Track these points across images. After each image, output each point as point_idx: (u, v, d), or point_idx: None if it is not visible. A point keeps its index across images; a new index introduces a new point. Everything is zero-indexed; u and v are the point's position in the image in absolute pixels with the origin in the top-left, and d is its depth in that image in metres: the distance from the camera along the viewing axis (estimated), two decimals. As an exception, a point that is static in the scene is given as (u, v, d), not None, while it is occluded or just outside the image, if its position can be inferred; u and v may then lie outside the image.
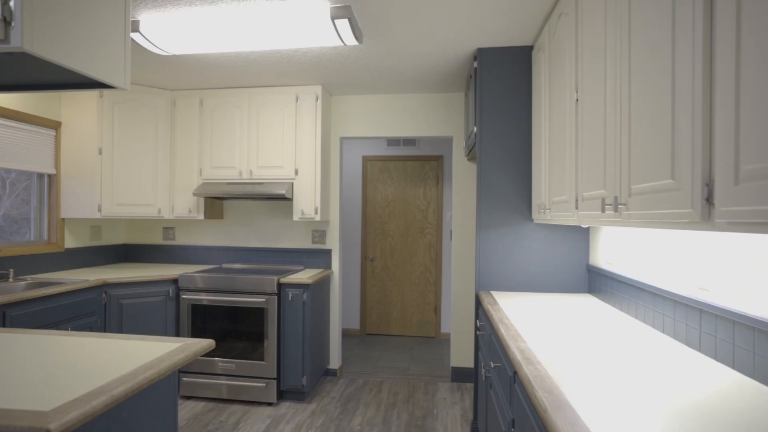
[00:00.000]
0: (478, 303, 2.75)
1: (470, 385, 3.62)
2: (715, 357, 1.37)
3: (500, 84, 2.69)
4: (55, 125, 3.37)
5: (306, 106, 3.48)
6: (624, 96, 1.32)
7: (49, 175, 3.39)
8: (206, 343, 1.54)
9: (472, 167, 3.68)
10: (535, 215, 2.54)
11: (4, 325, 2.30)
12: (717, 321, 1.37)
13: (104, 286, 3.01)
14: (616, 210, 1.32)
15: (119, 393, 1.11)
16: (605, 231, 2.33)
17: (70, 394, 1.07)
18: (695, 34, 0.94)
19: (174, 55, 2.92)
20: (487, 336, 2.22)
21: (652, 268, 1.80)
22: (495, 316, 1.99)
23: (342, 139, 3.86)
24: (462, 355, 3.68)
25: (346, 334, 5.17)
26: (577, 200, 1.78)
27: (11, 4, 1.03)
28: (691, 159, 0.96)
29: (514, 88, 2.68)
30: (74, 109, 3.40)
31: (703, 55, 0.91)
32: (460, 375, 3.68)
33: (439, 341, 4.93)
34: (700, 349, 1.45)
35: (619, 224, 1.37)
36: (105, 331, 3.02)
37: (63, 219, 3.45)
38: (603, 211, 1.41)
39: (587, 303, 2.29)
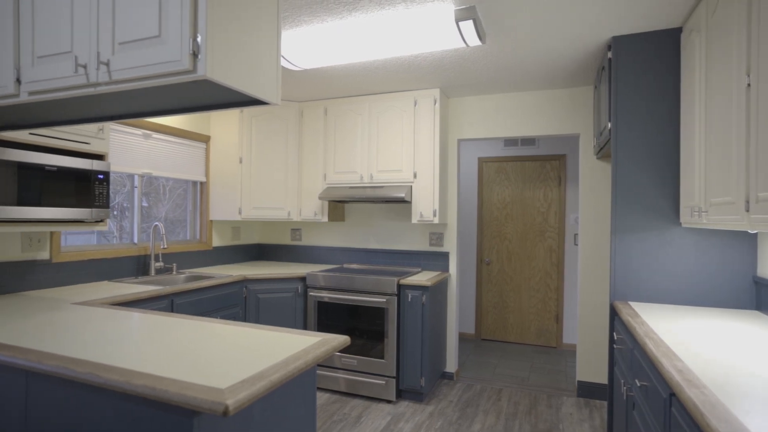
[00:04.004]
0: (614, 314, 2.52)
1: (600, 403, 3.33)
2: None
3: (639, 73, 2.44)
4: (206, 139, 3.86)
5: (424, 110, 3.51)
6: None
7: (201, 183, 3.89)
8: (343, 340, 1.62)
9: (604, 166, 3.39)
10: (684, 218, 2.25)
11: (172, 311, 2.69)
12: None
13: (244, 281, 3.36)
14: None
15: (276, 379, 1.23)
16: (780, 237, 1.98)
17: (236, 376, 1.21)
18: None
19: (304, 70, 3.16)
20: (628, 351, 2.02)
21: None
22: (639, 329, 1.80)
23: (459, 141, 3.83)
24: (590, 369, 3.40)
25: (461, 338, 5.10)
26: (747, 202, 1.53)
27: (198, 39, 1.21)
28: None
29: (656, 77, 2.41)
30: (220, 124, 3.86)
31: None
32: (587, 390, 3.40)
33: (561, 352, 4.63)
34: None
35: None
36: (245, 322, 3.38)
37: (211, 221, 3.94)
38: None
39: (755, 321, 1.96)
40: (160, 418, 1.17)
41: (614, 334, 2.44)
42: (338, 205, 4.05)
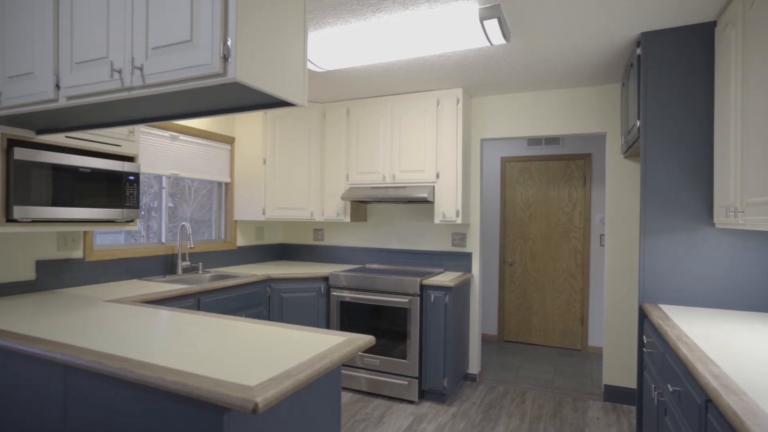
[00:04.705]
0: (643, 316, 2.46)
1: (628, 408, 3.26)
2: None
3: (669, 70, 2.38)
4: (230, 140, 3.92)
5: (446, 110, 3.50)
6: None
7: (226, 184, 3.96)
8: (368, 339, 1.63)
9: (632, 165, 3.32)
10: (718, 219, 2.18)
11: (198, 309, 2.74)
12: None
13: (268, 281, 3.40)
14: None
15: (303, 378, 1.24)
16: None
17: (264, 374, 1.23)
18: None
19: (328, 71, 3.18)
20: (659, 355, 1.96)
21: None
22: (671, 333, 1.75)
23: (482, 141, 3.79)
24: (617, 373, 3.32)
25: (484, 339, 5.06)
26: (787, 201, 1.47)
27: (228, 43, 1.23)
28: None
29: (688, 73, 2.34)
30: (244, 125, 3.92)
31: None
32: (615, 394, 3.33)
33: (586, 355, 4.54)
34: None
35: None
36: (269, 321, 3.42)
37: (236, 221, 4.00)
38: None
39: (795, 325, 1.89)
40: (191, 414, 1.20)
41: (644, 337, 2.39)
42: (360, 206, 4.06)
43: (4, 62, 1.69)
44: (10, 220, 2.07)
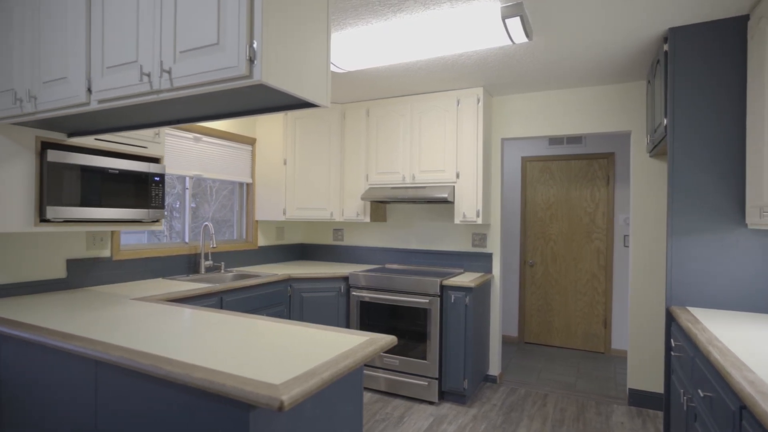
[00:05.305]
0: (671, 320, 2.40)
1: (654, 413, 3.18)
2: None
3: (699, 66, 2.32)
4: (251, 141, 3.97)
5: (467, 109, 3.48)
6: None
7: (247, 184, 4.01)
8: (390, 339, 1.63)
9: (658, 165, 3.24)
10: (751, 219, 2.11)
11: (221, 307, 2.79)
12: None
13: (289, 280, 3.43)
14: None
15: (327, 377, 1.25)
16: None
17: (288, 372, 1.24)
18: None
19: (348, 72, 3.19)
20: (688, 359, 1.91)
21: None
22: (700, 336, 1.71)
23: (503, 140, 3.76)
24: (642, 377, 3.25)
25: (504, 341, 5.01)
26: (826, 201, 1.42)
27: (254, 45, 1.25)
28: None
29: (718, 69, 2.28)
30: (265, 126, 3.96)
31: None
32: (640, 399, 3.26)
33: (609, 358, 4.45)
34: None
35: None
36: (290, 320, 3.45)
37: (257, 221, 4.05)
38: None
39: (833, 330, 1.82)
40: (217, 411, 1.22)
41: (671, 340, 2.33)
42: (380, 206, 4.07)
43: (40, 68, 1.75)
44: (43, 220, 2.14)
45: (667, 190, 2.38)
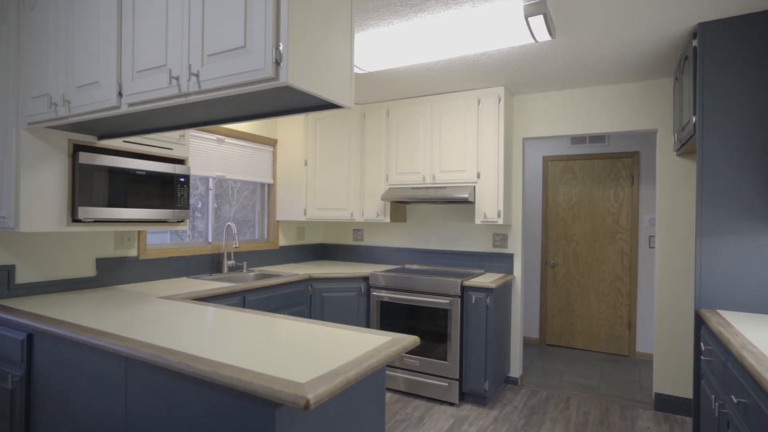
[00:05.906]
0: (700, 322, 2.34)
1: (682, 418, 3.10)
2: None
3: (729, 62, 2.25)
4: (273, 142, 4.02)
5: (488, 109, 3.45)
6: None
7: (269, 185, 4.06)
8: (412, 340, 1.63)
9: (686, 164, 3.16)
10: (784, 220, 2.04)
11: (244, 306, 2.83)
12: None
13: (310, 280, 3.46)
14: None
15: (352, 376, 1.25)
16: None
17: (313, 371, 1.25)
18: None
19: (369, 72, 3.20)
20: (719, 363, 1.86)
21: None
22: (733, 340, 1.66)
23: (524, 140, 3.72)
24: (669, 381, 3.17)
25: (525, 343, 4.95)
26: None
27: (281, 48, 1.27)
28: None
29: (750, 65, 2.21)
30: (286, 127, 4.00)
31: None
32: (666, 404, 3.18)
33: (633, 361, 4.36)
34: None
35: None
36: (311, 319, 3.48)
37: (278, 221, 4.09)
38: None
39: None
40: (244, 408, 1.24)
41: (701, 344, 2.27)
42: (400, 206, 4.07)
43: (74, 74, 1.80)
44: (75, 220, 2.21)
45: (696, 189, 2.32)
